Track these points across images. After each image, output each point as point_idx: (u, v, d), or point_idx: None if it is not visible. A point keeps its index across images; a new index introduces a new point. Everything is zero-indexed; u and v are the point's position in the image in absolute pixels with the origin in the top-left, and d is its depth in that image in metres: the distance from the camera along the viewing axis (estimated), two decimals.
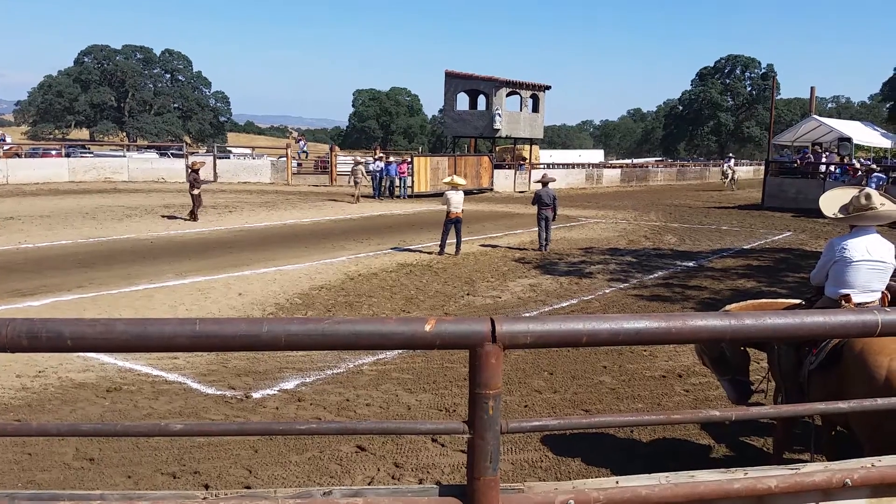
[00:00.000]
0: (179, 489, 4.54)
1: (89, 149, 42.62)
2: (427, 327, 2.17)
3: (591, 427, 5.48)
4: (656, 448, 5.47)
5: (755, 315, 2.19)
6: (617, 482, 2.20)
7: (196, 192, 18.65)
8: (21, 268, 11.87)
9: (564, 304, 10.35)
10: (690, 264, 14.04)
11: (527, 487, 2.36)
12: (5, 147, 31.35)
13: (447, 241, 14.61)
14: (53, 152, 35.30)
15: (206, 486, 4.57)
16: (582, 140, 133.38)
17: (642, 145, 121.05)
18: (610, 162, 65.89)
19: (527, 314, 9.51)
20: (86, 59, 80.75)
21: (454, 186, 14.72)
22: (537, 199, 15.48)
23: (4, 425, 3.14)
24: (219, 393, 6.45)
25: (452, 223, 14.53)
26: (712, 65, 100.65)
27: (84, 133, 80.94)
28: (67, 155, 33.13)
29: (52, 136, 74.79)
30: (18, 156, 30.75)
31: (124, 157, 33.24)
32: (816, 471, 2.20)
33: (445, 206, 14.58)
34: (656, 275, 12.83)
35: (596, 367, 7.40)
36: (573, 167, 43.25)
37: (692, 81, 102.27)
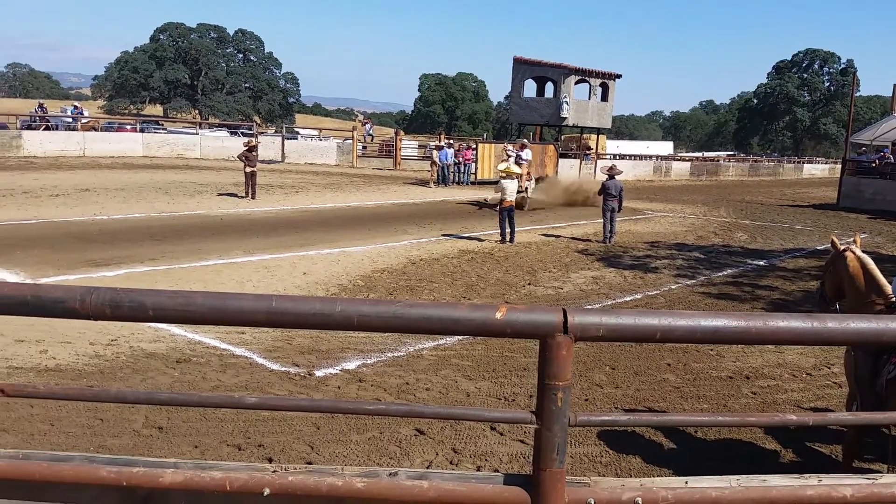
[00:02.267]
0: (244, 461, 4.67)
1: (163, 125, 43.91)
2: (498, 315, 2.15)
3: (663, 425, 5.41)
4: (721, 449, 5.35)
5: (838, 318, 2.10)
6: (686, 482, 2.15)
7: (249, 170, 19.02)
8: (96, 239, 12.35)
9: (628, 299, 10.19)
10: (761, 263, 13.63)
11: (593, 482, 2.33)
12: (83, 120, 32.53)
13: (506, 229, 14.55)
14: (128, 127, 36.51)
15: (270, 460, 4.68)
16: (651, 131, 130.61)
17: (714, 138, 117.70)
18: (679, 155, 64.36)
19: (589, 307, 9.40)
20: (161, 37, 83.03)
21: (509, 175, 14.65)
22: (603, 190, 15.27)
23: (83, 390, 3.27)
24: (283, 369, 6.59)
25: (507, 211, 14.48)
26: (789, 58, 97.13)
27: (158, 109, 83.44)
28: (142, 130, 34.22)
29: (127, 112, 77.36)
30: (95, 129, 31.87)
31: (196, 134, 34.07)
32: (894, 482, 2.10)
33: (500, 195, 14.53)
34: (725, 272, 12.50)
35: (660, 364, 7.26)
36: (641, 159, 42.42)
37: (768, 74, 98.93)
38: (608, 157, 39.03)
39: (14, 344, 6.81)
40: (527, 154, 22.32)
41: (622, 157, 43.25)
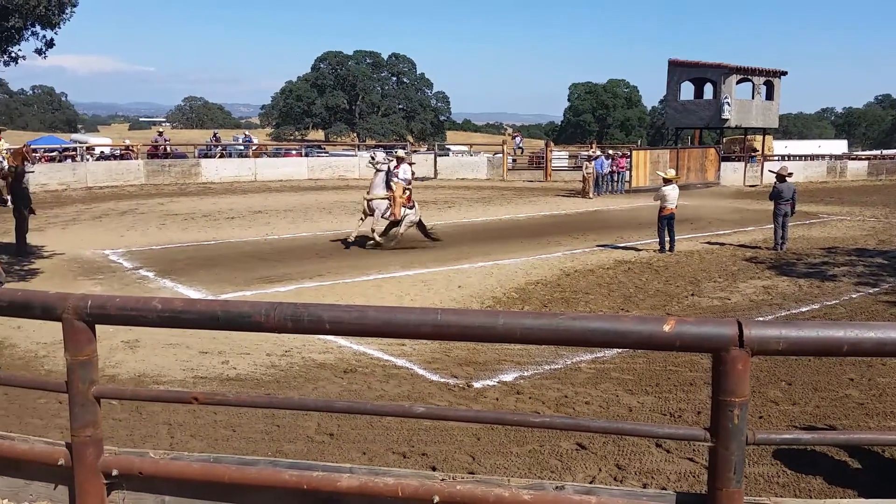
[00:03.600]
0: (409, 468, 4.81)
1: (324, 149, 46.45)
2: (666, 327, 2.09)
3: (849, 444, 4.98)
4: None
5: None
6: None
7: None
8: (268, 257, 13.25)
9: (804, 309, 9.49)
10: None
11: (773, 503, 2.19)
12: (253, 147, 35.10)
13: (665, 238, 14.02)
14: (294, 152, 38.93)
15: (433, 468, 4.79)
16: (822, 129, 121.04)
17: (893, 135, 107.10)
18: (855, 153, 59.13)
19: (761, 318, 8.84)
20: (322, 65, 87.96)
21: (669, 181, 14.11)
22: (775, 195, 14.31)
23: (269, 398, 3.54)
24: (442, 380, 6.74)
25: (667, 219, 13.92)
26: None
27: (320, 134, 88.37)
28: (306, 154, 36.37)
29: (292, 138, 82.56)
30: (264, 155, 34.32)
31: (355, 156, 35.74)
32: None
33: (660, 202, 14.01)
34: None
35: (841, 380, 6.69)
36: (812, 159, 39.46)
37: None
38: (775, 158, 36.64)
39: (199, 355, 7.45)
40: (404, 172, 14.81)
41: (791, 157, 40.43)
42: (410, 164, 16.05)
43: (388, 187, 14.14)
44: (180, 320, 2.38)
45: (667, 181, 14.20)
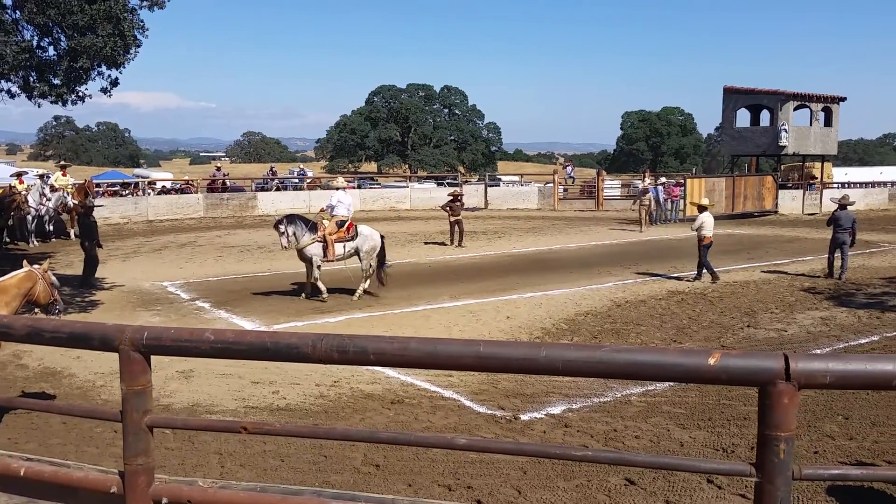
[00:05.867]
0: (454, 500, 4.79)
1: (377, 180, 47.15)
2: (711, 360, 2.07)
3: None
4: None
5: None
6: None
7: (454, 219, 19.72)
8: None
9: (863, 341, 9.16)
10: None
11: None
12: (307, 180, 35.83)
13: (713, 267, 13.79)
14: (348, 184, 39.66)
15: (479, 502, 4.76)
16: (884, 155, 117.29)
17: None
18: None
19: (818, 350, 8.57)
20: (375, 99, 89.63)
21: (704, 208, 14.01)
22: (833, 221, 13.98)
23: (314, 428, 3.59)
24: (489, 412, 6.71)
25: (708, 248, 13.72)
26: None
27: (372, 166, 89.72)
28: (359, 186, 36.95)
29: (345, 170, 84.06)
30: (320, 187, 34.97)
31: (407, 187, 36.19)
32: None
33: (698, 231, 13.83)
34: None
35: None
36: (873, 186, 38.26)
37: None
38: (835, 185, 35.67)
39: (250, 385, 7.59)
40: (340, 205, 12.84)
41: (851, 185, 39.31)
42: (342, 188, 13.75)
43: (314, 229, 12.21)
44: (232, 351, 2.47)
45: (701, 208, 14.09)
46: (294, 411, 6.84)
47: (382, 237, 12.79)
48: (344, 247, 12.36)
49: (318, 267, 12.23)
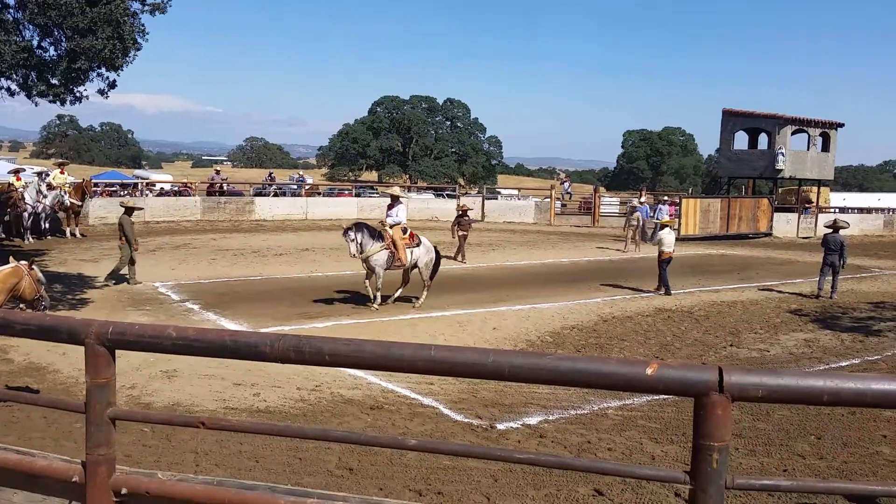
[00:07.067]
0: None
1: (376, 189, 47.28)
2: (649, 371, 2.15)
3: (830, 492, 4.83)
4: None
5: None
6: None
7: (461, 233, 19.76)
8: (311, 294, 13.49)
9: (843, 364, 9.26)
10: None
11: None
12: (306, 187, 35.96)
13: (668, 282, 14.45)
14: (346, 192, 39.74)
15: None
16: (883, 182, 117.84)
17: None
18: None
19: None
20: (378, 109, 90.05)
21: (665, 226, 15.04)
22: (824, 244, 14.56)
23: (271, 425, 3.64)
24: (466, 420, 6.78)
25: (666, 263, 14.38)
26: None
27: (373, 175, 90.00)
28: (357, 195, 37.10)
29: (345, 178, 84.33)
30: (319, 194, 35.13)
31: (406, 197, 36.33)
32: None
33: (657, 247, 14.56)
34: None
35: (873, 436, 6.51)
36: (869, 212, 38.45)
37: None
38: (831, 210, 35.84)
39: (232, 387, 7.65)
40: (400, 214, 13.24)
41: (848, 210, 39.52)
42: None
43: (379, 238, 12.42)
44: (193, 348, 2.54)
45: (662, 226, 15.13)
46: (273, 413, 6.90)
47: (437, 252, 13.38)
48: (411, 253, 12.74)
49: (380, 276, 12.44)
